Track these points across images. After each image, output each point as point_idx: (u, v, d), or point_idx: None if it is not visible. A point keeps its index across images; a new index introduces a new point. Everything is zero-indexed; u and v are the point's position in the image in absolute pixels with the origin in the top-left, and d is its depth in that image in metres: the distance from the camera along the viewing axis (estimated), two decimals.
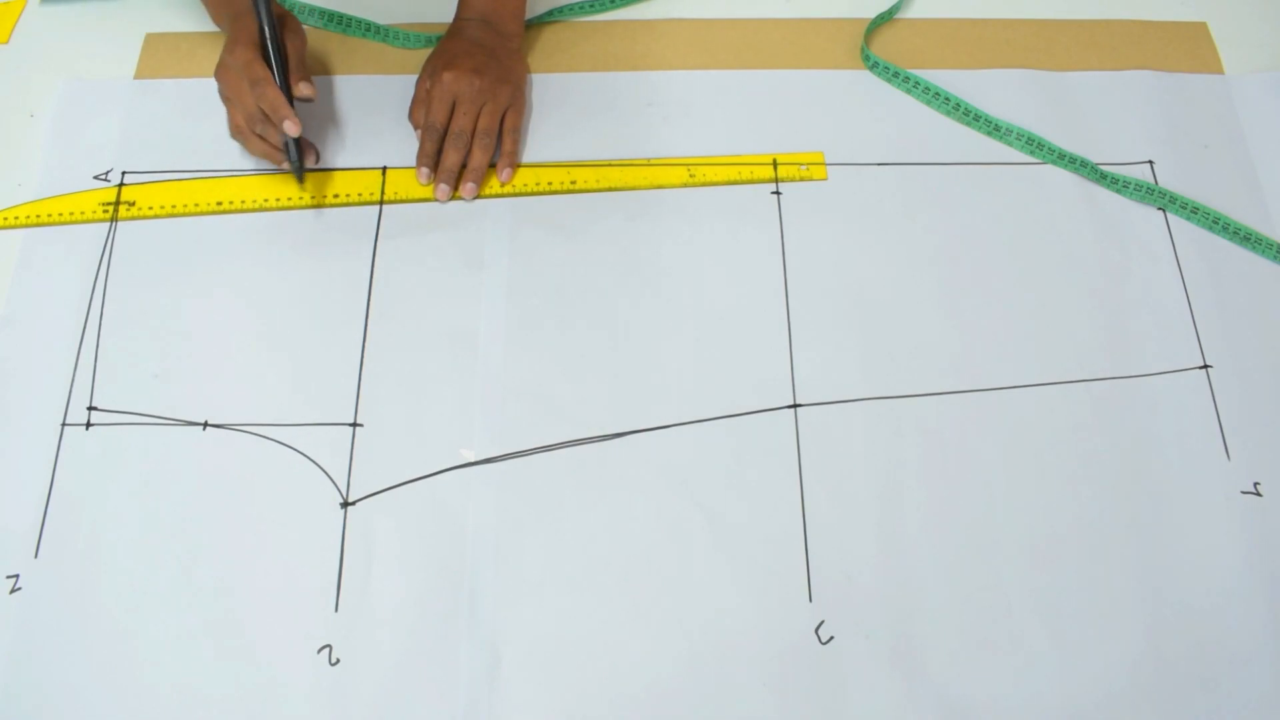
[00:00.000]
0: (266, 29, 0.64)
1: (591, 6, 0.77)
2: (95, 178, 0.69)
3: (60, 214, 0.67)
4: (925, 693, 0.55)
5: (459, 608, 0.57)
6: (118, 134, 0.71)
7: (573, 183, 0.69)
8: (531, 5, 0.77)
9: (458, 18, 0.72)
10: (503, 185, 0.68)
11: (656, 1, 0.78)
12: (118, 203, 0.68)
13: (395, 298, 0.65)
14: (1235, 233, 0.68)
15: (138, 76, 0.73)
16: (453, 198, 0.68)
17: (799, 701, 0.55)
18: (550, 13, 0.77)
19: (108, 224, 0.67)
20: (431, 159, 0.68)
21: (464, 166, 0.68)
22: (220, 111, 0.72)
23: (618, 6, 0.78)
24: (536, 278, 0.66)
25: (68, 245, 0.67)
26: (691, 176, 0.70)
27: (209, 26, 0.76)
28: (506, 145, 0.69)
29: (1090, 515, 0.60)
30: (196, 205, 0.68)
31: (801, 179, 0.69)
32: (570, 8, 0.77)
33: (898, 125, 0.72)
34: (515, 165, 0.69)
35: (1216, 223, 0.68)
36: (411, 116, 0.71)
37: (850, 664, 0.56)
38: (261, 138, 0.65)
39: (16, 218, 0.67)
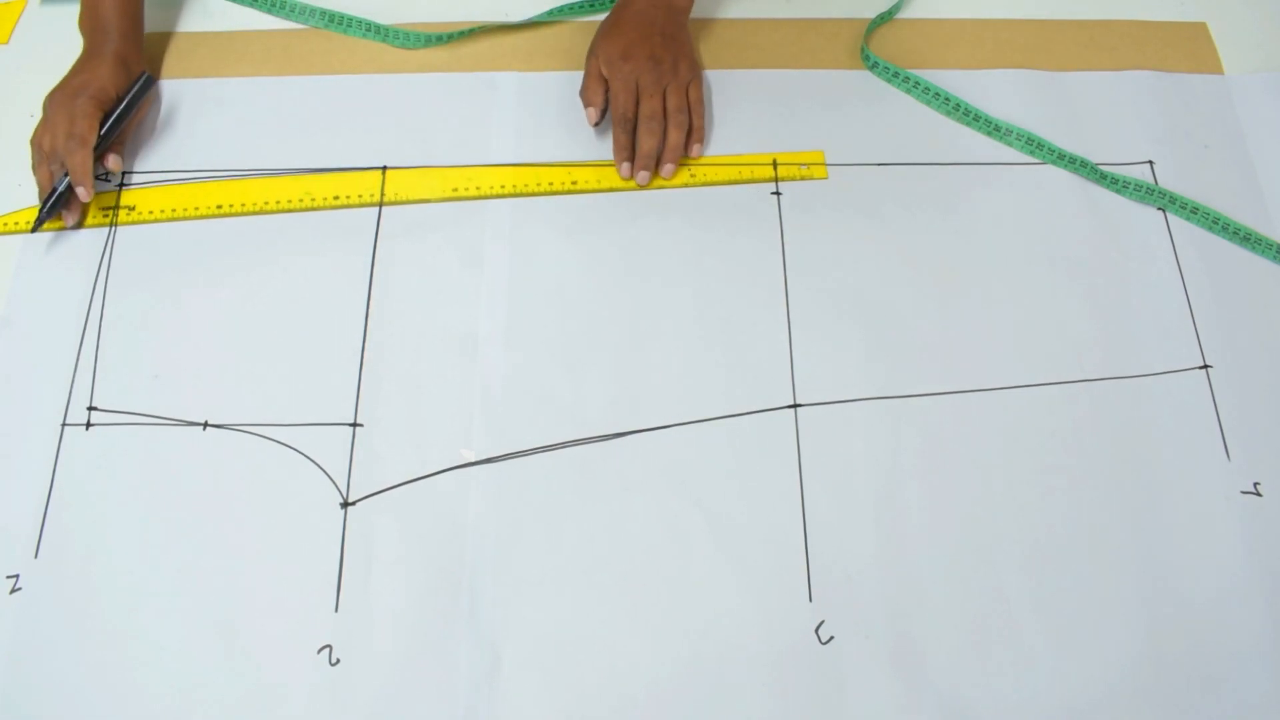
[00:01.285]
0: (123, 106, 0.67)
1: (591, 6, 0.77)
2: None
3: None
4: (925, 693, 0.55)
5: (459, 608, 0.57)
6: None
7: (573, 183, 0.69)
8: (531, 5, 0.77)
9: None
10: (695, 159, 0.70)
11: None
12: (117, 207, 0.68)
13: (395, 298, 0.65)
14: (1235, 233, 0.68)
15: None
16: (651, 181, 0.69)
17: (799, 701, 0.55)
18: (550, 12, 0.77)
19: (107, 227, 0.67)
20: (627, 150, 0.69)
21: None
22: (220, 112, 0.72)
23: (604, 9, 0.78)
24: (536, 278, 0.66)
25: (68, 246, 0.67)
26: (692, 176, 0.70)
27: (209, 26, 0.76)
28: (695, 120, 0.70)
29: (1090, 515, 0.60)
30: (196, 209, 0.68)
31: (802, 178, 0.69)
32: (570, 7, 0.77)
33: (897, 125, 0.72)
34: (703, 139, 0.70)
35: (1216, 223, 0.68)
36: (584, 94, 0.70)
37: (850, 664, 0.56)
38: (49, 171, 0.65)
39: (16, 223, 0.67)
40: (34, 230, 0.66)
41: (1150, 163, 0.72)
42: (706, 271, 0.67)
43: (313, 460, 0.60)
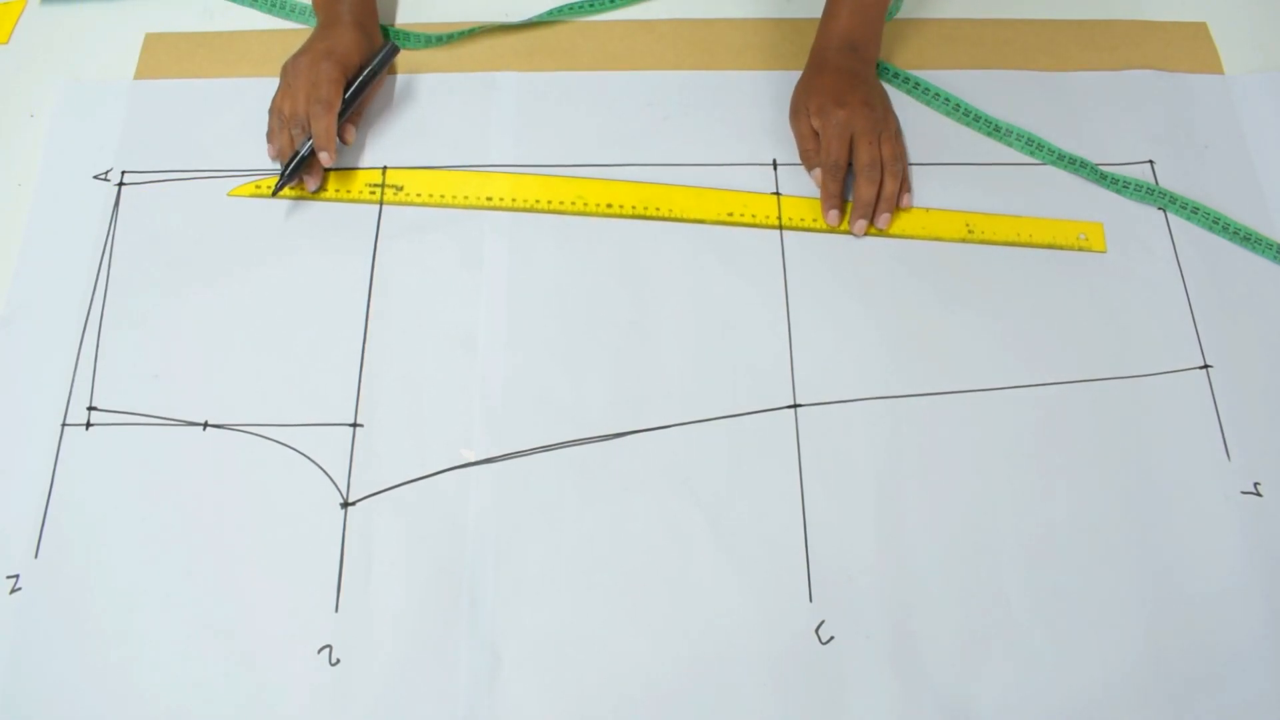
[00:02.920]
0: (367, 72, 0.68)
1: (591, 6, 0.77)
2: (95, 178, 0.69)
3: (335, 191, 0.68)
4: (925, 693, 0.55)
5: (459, 608, 0.57)
6: (118, 134, 0.71)
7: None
8: (532, 5, 0.77)
9: (820, 45, 0.71)
10: (905, 209, 0.68)
11: (656, 1, 0.78)
12: (384, 185, 0.68)
13: (395, 298, 0.65)
14: (1235, 233, 0.68)
15: (138, 76, 0.73)
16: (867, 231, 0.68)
17: (799, 701, 0.55)
18: (550, 12, 0.77)
19: (108, 225, 0.67)
20: (837, 199, 0.67)
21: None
22: (219, 112, 0.72)
23: (617, 6, 0.78)
24: (536, 278, 0.66)
25: (68, 245, 0.67)
26: (970, 233, 0.68)
27: (209, 26, 0.76)
28: (901, 170, 0.68)
29: (1090, 515, 0.60)
30: (465, 198, 0.68)
31: (1079, 249, 0.68)
32: (570, 7, 0.77)
33: (904, 125, 0.72)
34: (910, 189, 0.69)
35: (1216, 223, 0.68)
36: (806, 158, 0.69)
37: (850, 664, 0.56)
38: (290, 136, 0.66)
39: (258, 187, 0.68)
40: (274, 194, 0.66)
41: (1150, 163, 0.71)
42: (706, 271, 0.67)
43: (313, 460, 0.60)
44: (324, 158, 0.65)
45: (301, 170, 0.66)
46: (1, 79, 0.74)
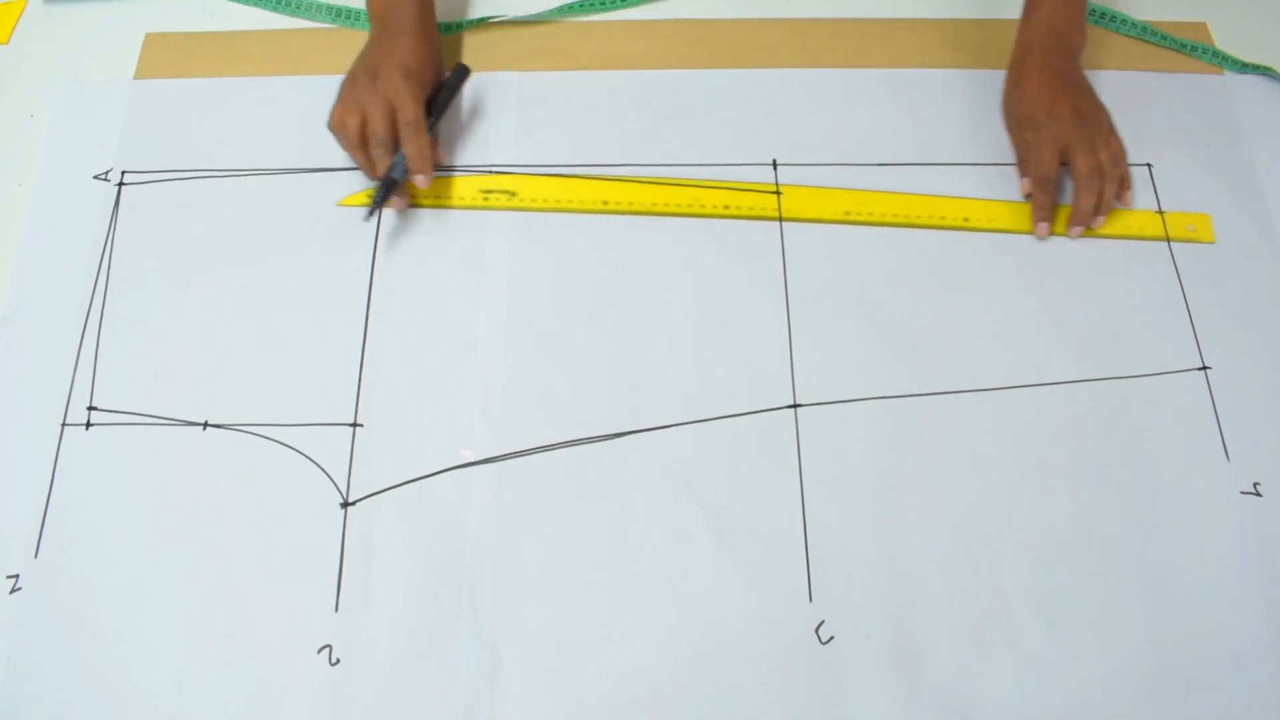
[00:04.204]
0: (444, 96, 0.67)
1: (591, 6, 0.77)
2: (95, 178, 0.69)
3: (438, 197, 0.68)
4: (925, 693, 0.55)
5: (459, 608, 0.57)
6: (118, 134, 0.71)
7: (965, 219, 0.68)
8: (533, 5, 0.77)
9: (1025, 38, 0.70)
10: (1126, 205, 0.68)
11: (656, 1, 0.78)
12: (497, 191, 0.68)
13: (395, 298, 0.65)
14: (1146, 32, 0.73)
15: (138, 76, 0.73)
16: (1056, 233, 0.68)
17: (799, 701, 0.55)
18: (551, 12, 0.77)
19: (108, 225, 0.67)
20: (1048, 211, 0.67)
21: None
22: (219, 112, 0.72)
23: (617, 7, 0.78)
24: (536, 278, 0.66)
25: (68, 245, 0.67)
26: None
27: (209, 26, 0.76)
28: (1122, 171, 0.68)
29: (1090, 515, 0.60)
30: (582, 203, 0.68)
31: (1188, 240, 0.68)
32: (570, 7, 0.77)
33: (897, 125, 0.72)
34: (1130, 185, 0.69)
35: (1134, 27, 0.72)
36: (1024, 167, 0.68)
37: (850, 664, 0.56)
38: (370, 157, 0.65)
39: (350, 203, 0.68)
40: (369, 217, 0.65)
41: (1149, 164, 0.71)
42: (706, 271, 0.67)
43: (313, 460, 0.60)
44: (421, 181, 0.64)
45: (393, 192, 0.65)
46: (1, 79, 0.74)
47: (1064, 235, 0.68)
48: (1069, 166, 0.67)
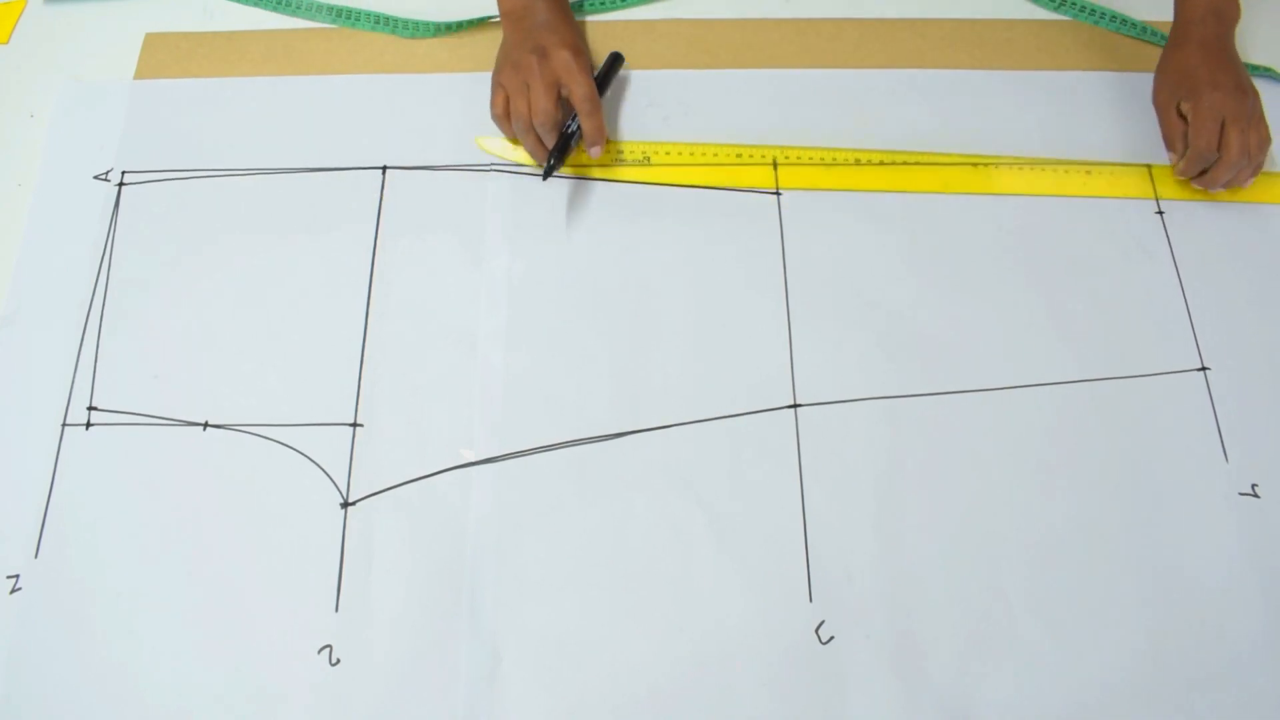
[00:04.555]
0: (601, 80, 0.68)
1: (591, 6, 0.77)
2: (95, 178, 0.69)
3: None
4: (925, 693, 0.55)
5: (459, 608, 0.57)
6: (118, 134, 0.71)
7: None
8: None
9: (1184, 17, 0.70)
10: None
11: (657, 2, 0.78)
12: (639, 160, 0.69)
13: (395, 298, 0.65)
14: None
15: (138, 76, 0.73)
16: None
17: (799, 701, 0.55)
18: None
19: (108, 225, 0.67)
20: (1195, 181, 0.68)
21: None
22: (219, 112, 0.72)
23: (617, 7, 0.78)
24: (537, 277, 0.66)
25: (68, 245, 0.67)
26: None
27: (209, 26, 0.76)
28: (1261, 159, 0.68)
29: (1090, 516, 0.60)
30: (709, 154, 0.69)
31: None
32: (580, 5, 0.77)
33: (898, 125, 0.72)
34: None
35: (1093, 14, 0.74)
36: (1169, 138, 0.69)
37: (850, 664, 0.56)
38: (534, 133, 0.66)
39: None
40: (546, 178, 0.66)
41: (1149, 164, 0.72)
42: (706, 271, 0.67)
43: (313, 460, 0.60)
44: (595, 153, 0.65)
45: (565, 156, 0.67)
46: (1, 79, 0.74)
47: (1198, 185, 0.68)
48: (1222, 143, 0.66)
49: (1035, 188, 0.70)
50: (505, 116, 0.67)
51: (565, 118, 0.67)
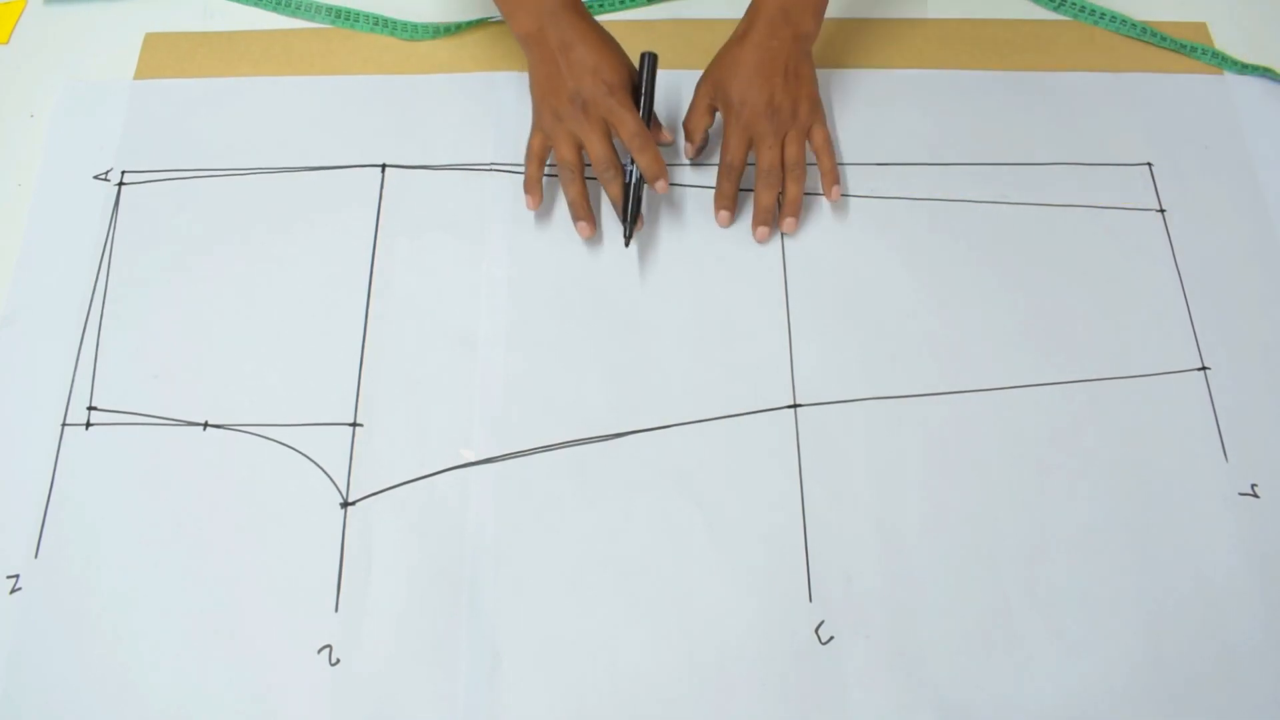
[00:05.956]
0: (645, 94, 0.64)
1: (591, 6, 0.77)
2: (95, 178, 0.69)
3: None
4: (925, 693, 0.55)
5: (459, 608, 0.57)
6: (118, 134, 0.71)
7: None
8: None
9: (752, 9, 0.66)
10: (834, 201, 0.66)
11: (657, 2, 0.78)
12: None
13: (395, 298, 0.65)
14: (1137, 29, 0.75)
15: (138, 76, 0.73)
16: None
17: (799, 701, 0.55)
18: None
19: (108, 225, 0.67)
20: (730, 199, 0.65)
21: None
22: (219, 112, 0.72)
23: (617, 8, 0.78)
24: (536, 278, 0.66)
25: (68, 245, 0.67)
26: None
27: (208, 27, 0.76)
28: (824, 164, 0.66)
29: (1089, 515, 0.60)
30: None
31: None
32: None
33: (898, 126, 0.72)
34: (838, 180, 0.66)
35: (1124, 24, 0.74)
36: (688, 124, 0.67)
37: (850, 664, 0.56)
38: (580, 182, 0.63)
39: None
40: (628, 244, 0.64)
41: (1150, 164, 0.72)
42: (706, 271, 0.67)
43: (313, 460, 0.60)
44: (661, 186, 0.62)
45: (639, 208, 0.64)
46: (1, 79, 0.74)
47: (756, 239, 0.66)
48: (754, 157, 0.65)
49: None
50: (539, 158, 0.64)
51: (622, 158, 0.64)
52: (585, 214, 0.65)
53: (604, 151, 0.62)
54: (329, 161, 0.70)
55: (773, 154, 0.64)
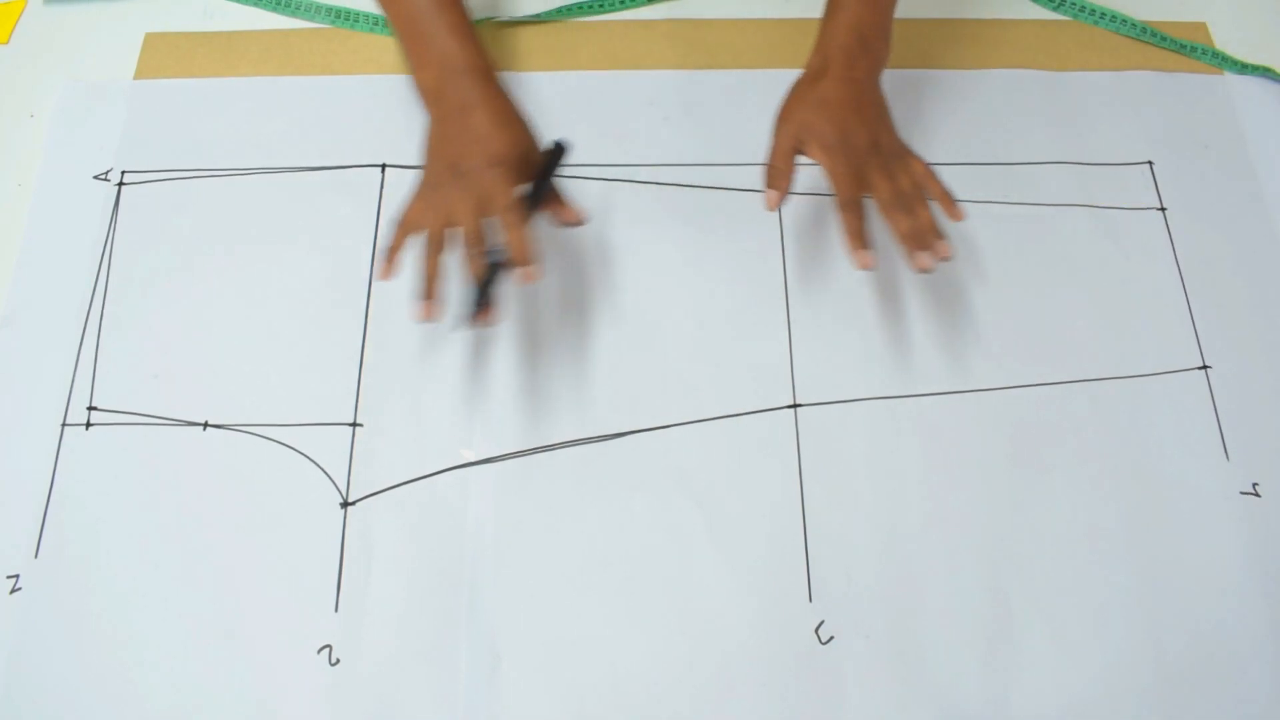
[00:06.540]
0: (542, 182, 0.57)
1: (591, 6, 0.77)
2: (95, 178, 0.69)
3: None
4: (925, 693, 0.55)
5: (459, 608, 0.57)
6: (118, 134, 0.71)
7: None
8: (533, 5, 0.77)
9: (824, 41, 0.61)
10: (961, 220, 0.60)
11: (657, 2, 0.78)
12: None
13: (395, 297, 0.65)
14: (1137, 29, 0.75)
15: (138, 76, 0.73)
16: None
17: (799, 701, 0.55)
18: (551, 12, 0.77)
19: (108, 225, 0.67)
20: (862, 237, 0.57)
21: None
22: (219, 112, 0.72)
23: (617, 8, 0.78)
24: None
25: (68, 245, 0.67)
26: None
27: (208, 27, 0.76)
28: (936, 191, 0.59)
29: (1090, 515, 0.60)
30: None
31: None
32: (570, 8, 0.77)
33: (898, 126, 0.72)
34: (955, 199, 0.60)
35: (1124, 23, 0.74)
36: (771, 175, 0.60)
37: (850, 664, 0.56)
38: (434, 258, 0.55)
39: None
40: (460, 326, 0.60)
41: (1150, 163, 0.72)
42: (706, 271, 0.67)
43: (313, 460, 0.60)
44: (527, 275, 0.53)
45: (492, 291, 0.55)
46: (1, 79, 0.74)
47: (920, 269, 0.58)
48: (871, 192, 0.58)
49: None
50: (408, 225, 0.56)
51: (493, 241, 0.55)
52: (429, 293, 0.55)
53: (469, 226, 0.54)
54: (329, 161, 0.70)
55: (892, 184, 0.58)
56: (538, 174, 0.58)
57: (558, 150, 0.59)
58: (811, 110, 0.59)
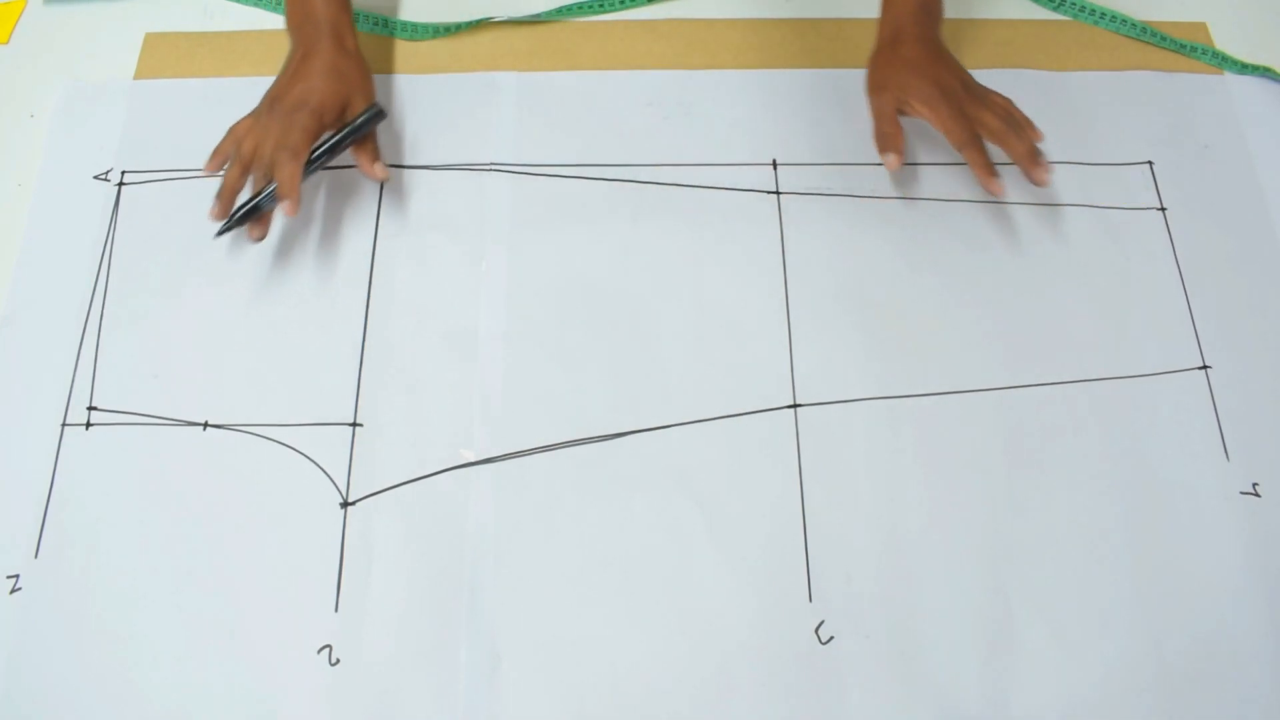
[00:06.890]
0: (346, 134, 0.63)
1: (591, 6, 0.77)
2: (95, 178, 0.69)
3: None
4: (925, 693, 0.55)
5: (459, 608, 0.57)
6: (118, 134, 0.71)
7: None
8: (533, 5, 0.77)
9: (893, 13, 0.67)
10: (1042, 140, 0.65)
11: (657, 2, 0.78)
12: None
13: (395, 297, 0.65)
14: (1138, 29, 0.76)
15: (138, 76, 0.73)
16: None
17: (799, 701, 0.55)
18: (552, 12, 0.77)
19: (108, 225, 0.67)
20: (991, 166, 0.63)
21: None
22: (219, 112, 0.71)
23: (617, 8, 0.78)
24: (536, 278, 0.66)
25: (68, 245, 0.67)
26: None
27: (209, 27, 0.76)
28: (1020, 117, 0.66)
29: (1090, 515, 0.60)
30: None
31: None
32: (570, 8, 0.77)
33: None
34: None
35: (1124, 23, 0.74)
36: (884, 140, 0.65)
37: (850, 664, 0.56)
38: (235, 173, 0.62)
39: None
40: (219, 235, 0.62)
41: (1150, 163, 0.72)
42: (706, 271, 0.67)
43: (313, 460, 0.60)
44: (287, 207, 0.59)
45: (251, 217, 0.62)
46: (1, 79, 0.74)
47: (1040, 183, 0.63)
48: (980, 128, 0.64)
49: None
50: (234, 136, 0.64)
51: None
52: (221, 196, 0.62)
53: (260, 153, 0.61)
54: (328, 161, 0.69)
55: (995, 114, 0.64)
56: (346, 128, 0.64)
57: (375, 113, 0.65)
58: (901, 73, 0.65)
